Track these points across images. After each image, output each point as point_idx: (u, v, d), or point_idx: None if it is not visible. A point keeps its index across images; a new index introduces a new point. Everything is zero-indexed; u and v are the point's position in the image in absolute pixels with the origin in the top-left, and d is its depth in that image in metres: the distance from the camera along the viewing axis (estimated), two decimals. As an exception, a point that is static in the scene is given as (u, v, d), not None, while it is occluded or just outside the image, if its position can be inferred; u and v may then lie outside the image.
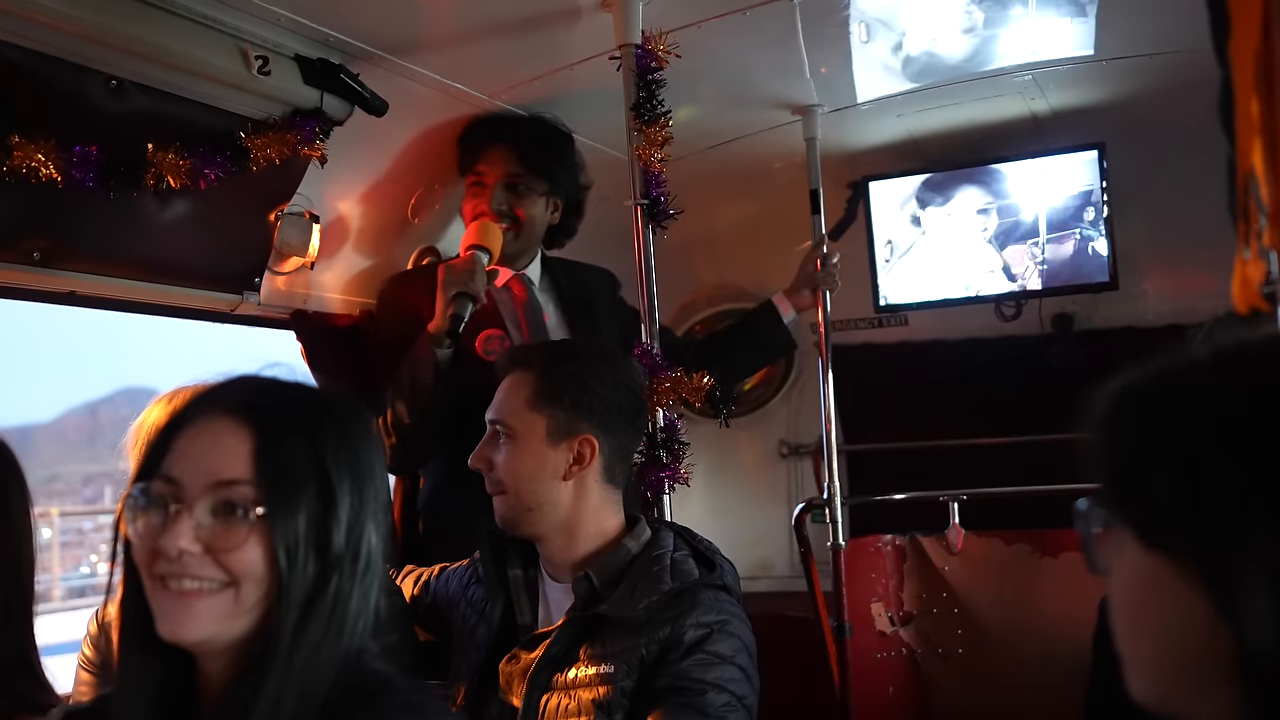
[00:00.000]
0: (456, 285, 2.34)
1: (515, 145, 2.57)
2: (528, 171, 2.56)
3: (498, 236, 2.47)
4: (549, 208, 2.63)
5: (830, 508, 2.96)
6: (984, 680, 3.07)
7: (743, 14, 2.43)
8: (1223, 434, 0.69)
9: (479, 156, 2.59)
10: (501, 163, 2.56)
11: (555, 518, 1.78)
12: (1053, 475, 2.82)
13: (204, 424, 1.07)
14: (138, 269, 2.24)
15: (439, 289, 2.36)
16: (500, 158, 2.56)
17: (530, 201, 2.58)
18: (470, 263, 2.39)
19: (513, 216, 2.55)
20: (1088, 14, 2.59)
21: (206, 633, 1.04)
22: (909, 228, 3.48)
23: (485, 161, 2.58)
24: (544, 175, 2.58)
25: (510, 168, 2.56)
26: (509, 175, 2.55)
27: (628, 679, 1.64)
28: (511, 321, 2.58)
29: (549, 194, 2.61)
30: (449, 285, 2.34)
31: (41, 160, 1.87)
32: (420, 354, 2.36)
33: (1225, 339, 0.75)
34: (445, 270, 2.38)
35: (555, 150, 2.59)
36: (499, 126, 2.63)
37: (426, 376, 2.34)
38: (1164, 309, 3.44)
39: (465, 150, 2.64)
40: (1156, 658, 0.74)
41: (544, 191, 2.60)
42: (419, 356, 2.36)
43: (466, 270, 2.36)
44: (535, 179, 2.57)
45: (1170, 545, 0.70)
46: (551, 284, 2.70)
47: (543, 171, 2.58)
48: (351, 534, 1.08)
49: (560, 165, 2.59)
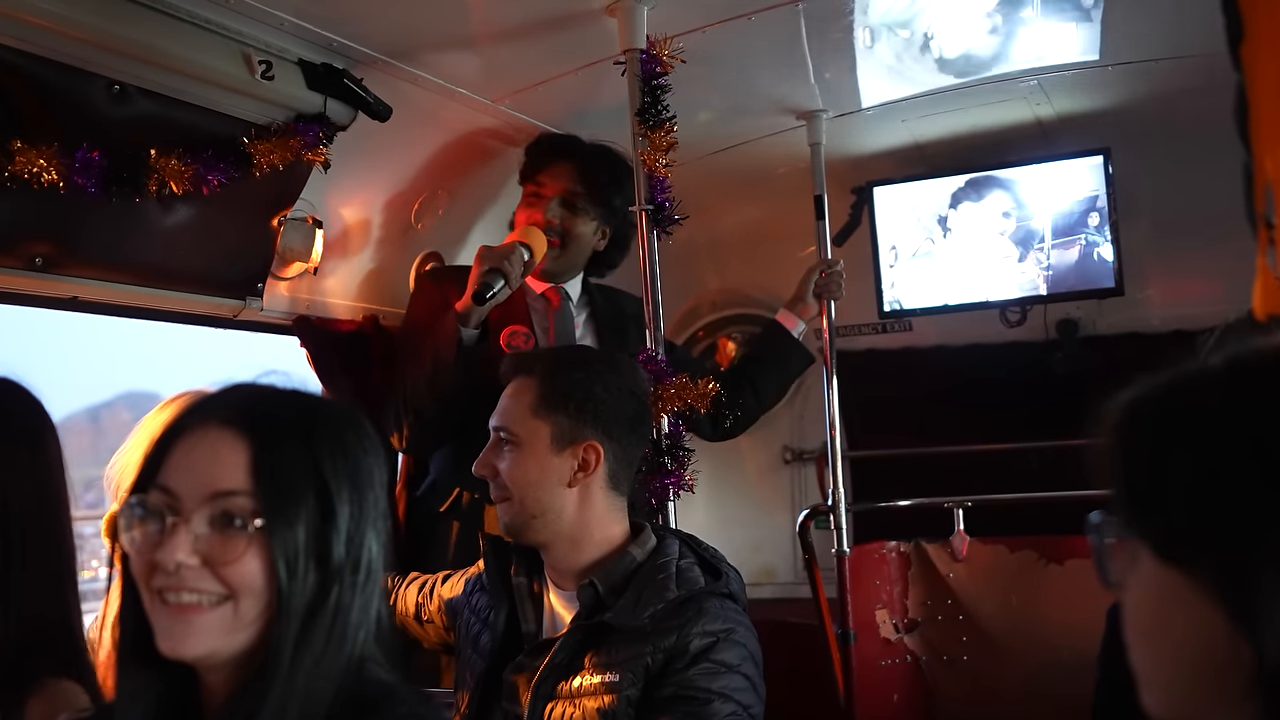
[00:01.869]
0: (491, 261, 2.34)
1: (580, 165, 2.58)
2: (586, 193, 2.57)
3: (542, 242, 2.47)
4: (598, 233, 2.64)
5: (834, 514, 2.95)
6: (989, 687, 3.06)
7: (747, 19, 2.42)
8: (1238, 445, 0.67)
9: (543, 168, 2.60)
10: (564, 178, 2.57)
11: (560, 525, 1.77)
12: (1058, 481, 2.81)
13: (200, 434, 1.06)
14: (140, 275, 2.23)
15: (475, 264, 2.36)
16: (563, 173, 2.57)
17: (581, 221, 2.59)
18: (511, 246, 2.40)
19: (561, 231, 2.56)
20: (1093, 19, 2.58)
21: (207, 649, 1.03)
22: (915, 233, 3.47)
23: (548, 174, 2.58)
24: (601, 200, 2.59)
25: (570, 185, 2.56)
26: (567, 192, 2.56)
27: (633, 688, 1.63)
28: (540, 326, 2.59)
29: (601, 220, 2.62)
30: (484, 259, 2.35)
31: (44, 165, 1.87)
32: (445, 331, 2.36)
33: (1239, 347, 0.74)
34: (484, 248, 2.40)
35: (617, 180, 2.58)
36: (569, 145, 2.64)
37: (450, 354, 2.33)
38: (1169, 314, 3.44)
39: (532, 159, 2.64)
40: (1172, 672, 0.72)
41: (596, 216, 2.61)
42: (444, 334, 2.36)
43: (505, 251, 2.37)
44: (591, 202, 2.58)
45: (1186, 558, 0.69)
46: (588, 302, 2.72)
47: (601, 197, 2.59)
48: (352, 543, 1.06)
49: (619, 195, 2.59)
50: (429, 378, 2.36)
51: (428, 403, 2.37)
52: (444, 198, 2.86)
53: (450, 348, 2.33)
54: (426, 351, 2.38)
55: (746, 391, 2.79)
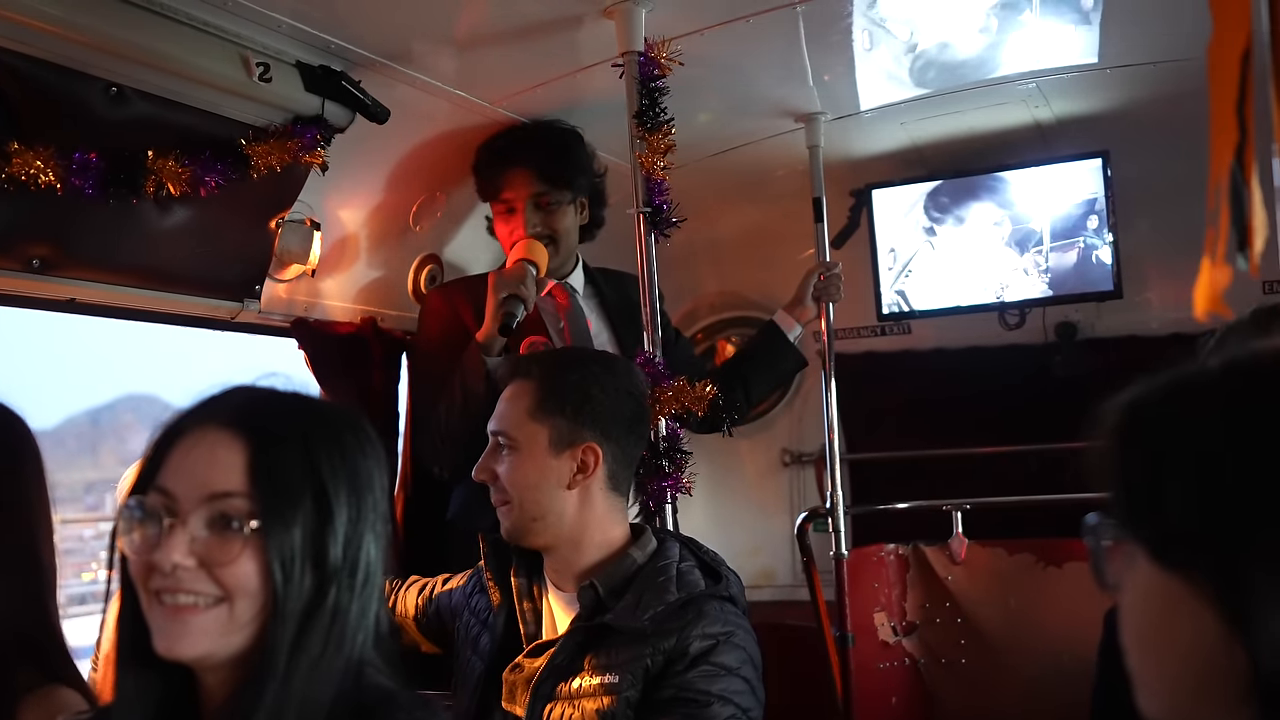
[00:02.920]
0: (507, 288, 2.37)
1: (534, 164, 2.58)
2: (552, 188, 2.58)
3: (543, 253, 2.50)
4: (577, 210, 2.66)
5: (833, 517, 2.95)
6: (987, 690, 3.06)
7: (745, 21, 2.42)
8: (1237, 450, 0.67)
9: (501, 183, 2.60)
10: (525, 185, 2.57)
11: (560, 527, 1.77)
12: (1056, 484, 2.81)
13: (198, 436, 1.06)
14: (138, 276, 2.23)
15: (489, 293, 2.39)
16: (522, 180, 2.57)
17: (561, 214, 2.60)
18: (521, 269, 2.43)
19: (548, 234, 2.57)
20: (1092, 22, 2.58)
21: (202, 650, 1.03)
22: (914, 236, 3.47)
23: (509, 188, 2.59)
24: (568, 185, 2.60)
25: (534, 188, 2.57)
26: (535, 196, 2.57)
27: (632, 689, 1.63)
28: (554, 329, 2.60)
29: (574, 199, 2.64)
30: (500, 288, 2.38)
31: (41, 167, 1.86)
32: (471, 362, 2.38)
33: (1237, 350, 0.74)
34: (496, 276, 2.42)
35: (571, 157, 2.60)
36: (513, 149, 2.63)
37: (479, 385, 2.35)
38: (1168, 318, 3.43)
39: (485, 178, 2.64)
40: (1168, 677, 0.72)
41: (570, 200, 2.62)
42: (469, 365, 2.38)
43: (517, 275, 2.40)
44: (561, 192, 2.59)
45: (1182, 562, 0.69)
46: (595, 292, 2.73)
47: (567, 183, 2.60)
48: (349, 546, 1.06)
49: (579, 170, 2.61)
50: (460, 409, 2.38)
51: (460, 431, 2.37)
52: (442, 200, 2.86)
53: (478, 380, 2.35)
54: (454, 386, 2.40)
55: (737, 390, 2.79)
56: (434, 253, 2.95)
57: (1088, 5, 2.51)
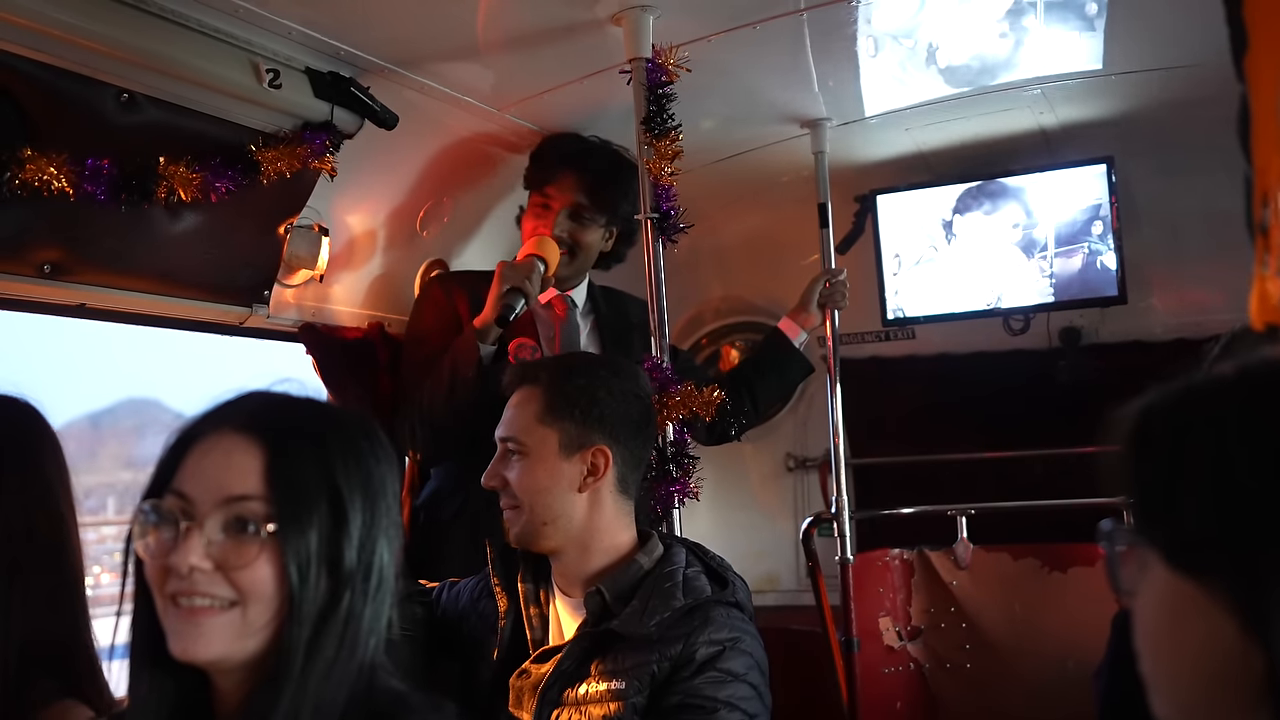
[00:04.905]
0: (513, 280, 2.40)
1: (585, 176, 2.60)
2: (592, 203, 2.60)
3: (556, 253, 2.52)
4: (605, 236, 2.68)
5: (838, 521, 2.95)
6: (992, 695, 3.05)
7: (752, 28, 2.43)
8: (1253, 455, 0.67)
9: (549, 179, 2.62)
10: (570, 190, 2.59)
11: (570, 531, 1.77)
12: (1062, 489, 2.81)
13: (215, 440, 1.07)
14: (147, 282, 2.24)
15: (495, 280, 2.41)
16: (569, 185, 2.59)
17: (590, 230, 2.62)
18: (530, 263, 2.44)
19: (571, 243, 2.59)
20: (1096, 28, 2.59)
21: (217, 652, 1.03)
22: (919, 241, 3.48)
23: (555, 185, 2.61)
24: (608, 209, 2.62)
25: (577, 197, 2.59)
26: (574, 204, 2.59)
27: (639, 695, 1.63)
28: (546, 337, 2.62)
29: (608, 225, 2.66)
30: (506, 278, 2.40)
31: (53, 173, 1.88)
32: (464, 348, 2.41)
33: (1249, 356, 0.74)
34: (504, 265, 2.44)
35: (621, 184, 2.61)
36: (573, 153, 2.65)
37: (469, 371, 2.38)
38: (1172, 323, 3.44)
39: (537, 168, 2.67)
40: (1183, 681, 0.72)
41: (604, 223, 2.64)
42: (463, 351, 2.41)
43: (525, 269, 2.42)
44: (598, 211, 2.61)
45: (1199, 567, 0.69)
46: (592, 308, 2.75)
47: (608, 206, 2.62)
48: (363, 551, 1.07)
49: (624, 199, 2.62)
50: (447, 393, 2.40)
51: (445, 417, 2.42)
52: (449, 205, 2.87)
53: (470, 366, 2.38)
54: (444, 368, 2.42)
55: (744, 398, 2.80)
56: (441, 258, 2.96)
57: (1092, 12, 2.52)
